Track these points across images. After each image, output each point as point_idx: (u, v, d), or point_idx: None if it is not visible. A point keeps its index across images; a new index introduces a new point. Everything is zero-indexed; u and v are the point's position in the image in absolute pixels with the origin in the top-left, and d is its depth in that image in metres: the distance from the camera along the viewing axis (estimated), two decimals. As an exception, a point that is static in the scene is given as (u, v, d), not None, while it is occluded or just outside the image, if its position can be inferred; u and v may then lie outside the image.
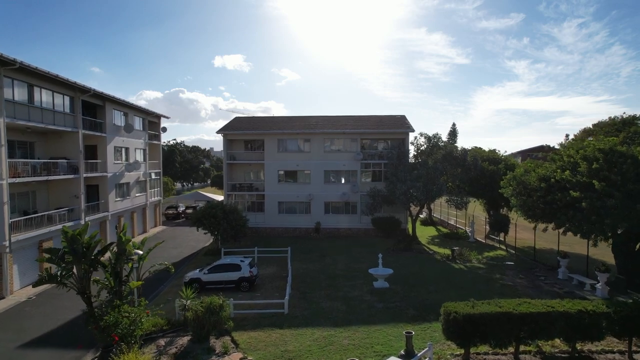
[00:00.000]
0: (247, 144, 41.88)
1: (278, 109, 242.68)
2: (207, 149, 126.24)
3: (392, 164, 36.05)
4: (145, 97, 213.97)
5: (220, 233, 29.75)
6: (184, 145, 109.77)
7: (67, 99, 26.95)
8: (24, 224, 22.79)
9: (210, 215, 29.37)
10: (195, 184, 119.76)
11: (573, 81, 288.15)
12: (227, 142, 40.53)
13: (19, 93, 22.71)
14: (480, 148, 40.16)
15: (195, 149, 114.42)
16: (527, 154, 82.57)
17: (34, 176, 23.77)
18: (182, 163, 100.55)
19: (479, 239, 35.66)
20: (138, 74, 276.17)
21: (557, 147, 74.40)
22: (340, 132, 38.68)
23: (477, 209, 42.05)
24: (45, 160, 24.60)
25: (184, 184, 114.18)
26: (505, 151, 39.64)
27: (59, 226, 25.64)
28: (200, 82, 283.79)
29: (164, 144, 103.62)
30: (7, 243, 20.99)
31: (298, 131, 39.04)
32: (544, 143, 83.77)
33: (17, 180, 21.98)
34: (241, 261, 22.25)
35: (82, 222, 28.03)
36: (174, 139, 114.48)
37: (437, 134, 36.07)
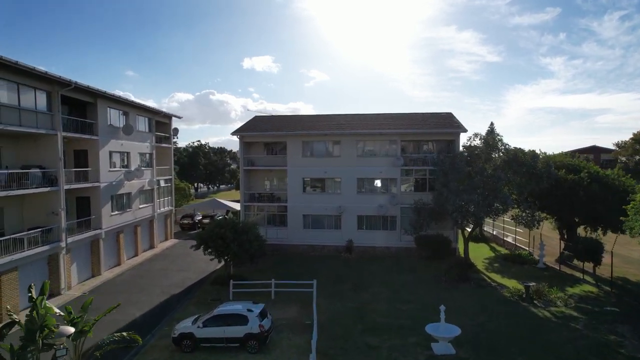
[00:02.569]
0: (268, 147, 36.28)
1: (307, 110, 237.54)
2: (232, 150, 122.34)
3: (443, 171, 29.54)
4: (177, 99, 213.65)
5: (231, 258, 24.14)
6: (208, 146, 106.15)
7: (41, 94, 21.94)
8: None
9: (218, 236, 23.79)
10: (221, 186, 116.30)
11: (614, 77, 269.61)
12: (245, 145, 35.04)
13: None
14: (521, 149, 32.73)
15: (221, 150, 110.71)
16: (575, 155, 73.60)
17: (-8, 191, 18.80)
18: (207, 165, 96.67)
19: (549, 264, 28.64)
20: (170, 76, 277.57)
21: (612, 148, 65.83)
22: (376, 132, 32.47)
23: (544, 227, 34.89)
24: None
25: (209, 186, 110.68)
26: (545, 152, 32.29)
27: (30, 252, 20.65)
28: (229, 84, 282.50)
29: (188, 145, 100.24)
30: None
31: (326, 132, 33.09)
32: (592, 143, 74.67)
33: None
34: (248, 310, 16.38)
35: (63, 244, 23.02)
36: (198, 140, 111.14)
37: (497, 134, 29.23)
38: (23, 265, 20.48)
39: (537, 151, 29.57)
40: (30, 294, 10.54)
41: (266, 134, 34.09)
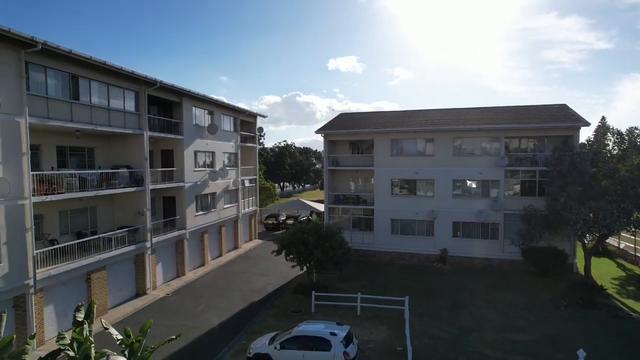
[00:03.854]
0: (353, 146, 34.09)
1: (391, 110, 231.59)
2: (317, 150, 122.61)
3: (559, 173, 24.95)
4: (265, 102, 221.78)
5: (313, 266, 22.33)
6: (294, 146, 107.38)
7: (129, 94, 22.01)
8: (60, 252, 17.95)
9: (300, 241, 22.12)
10: (306, 185, 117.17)
11: None
12: (329, 144, 33.21)
13: (57, 86, 17.93)
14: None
15: (306, 150, 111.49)
16: None
17: (82, 190, 18.94)
18: (292, 165, 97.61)
19: None
20: (259, 80, 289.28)
21: None
22: (475, 128, 28.64)
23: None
24: (82, 171, 19.65)
25: (295, 185, 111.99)
26: None
27: (117, 251, 20.70)
28: (315, 85, 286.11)
29: (275, 145, 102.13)
30: (30, 281, 16.11)
31: (417, 129, 29.98)
32: None
33: (51, 197, 17.12)
34: (332, 334, 14.26)
35: (148, 244, 22.99)
36: (285, 140, 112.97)
37: (636, 128, 23.90)
38: (111, 264, 20.57)
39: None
40: (75, 315, 9.38)
41: (352, 131, 31.92)
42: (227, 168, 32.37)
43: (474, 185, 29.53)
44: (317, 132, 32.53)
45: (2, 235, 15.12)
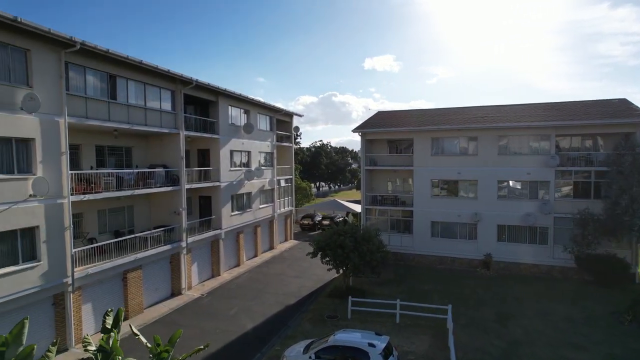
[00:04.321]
0: (392, 145, 32.96)
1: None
2: (353, 150, 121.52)
3: (620, 174, 22.91)
4: (302, 102, 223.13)
5: (350, 270, 21.48)
6: (330, 146, 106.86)
7: (165, 93, 21.97)
8: (97, 251, 18.04)
9: (337, 244, 21.33)
10: (342, 185, 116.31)
11: None
12: (367, 143, 32.23)
13: (96, 85, 18.01)
14: None
15: (342, 150, 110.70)
16: None
17: (119, 190, 18.99)
18: (329, 164, 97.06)
19: None
20: (296, 80, 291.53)
21: None
22: (523, 125, 26.85)
23: None
24: (119, 170, 19.71)
25: (331, 185, 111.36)
26: None
27: (153, 251, 20.67)
28: (351, 85, 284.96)
29: (311, 145, 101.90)
30: (69, 280, 16.20)
31: (460, 127, 28.50)
32: None
33: (88, 197, 17.19)
34: (370, 345, 13.38)
35: (184, 243, 22.89)
36: (321, 140, 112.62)
37: None
38: (147, 264, 20.58)
39: None
40: (104, 321, 8.98)
41: (390, 130, 30.80)
42: (263, 168, 32.07)
43: (520, 187, 27.74)
44: (355, 130, 31.65)
45: (42, 233, 15.25)
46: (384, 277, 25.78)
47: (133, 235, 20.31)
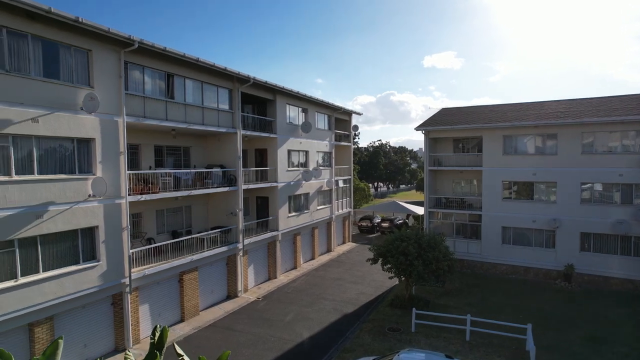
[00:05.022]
0: (457, 144, 30.69)
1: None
2: (413, 150, 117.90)
3: None
4: (359, 102, 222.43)
5: (414, 279, 19.83)
6: (389, 146, 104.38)
7: (222, 91, 21.61)
8: (153, 252, 17.93)
9: (399, 250, 19.79)
10: (401, 186, 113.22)
11: None
12: (430, 142, 30.23)
13: (154, 85, 17.91)
14: None
15: (401, 150, 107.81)
16: None
17: (176, 190, 18.82)
18: (387, 165, 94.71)
19: None
20: (353, 80, 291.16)
21: None
22: (614, 120, 23.64)
23: None
24: (177, 170, 19.48)
25: (389, 186, 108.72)
26: None
27: (210, 252, 20.36)
28: (410, 84, 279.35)
29: (369, 145, 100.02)
30: (126, 280, 16.12)
31: (536, 123, 25.73)
32: None
33: (145, 197, 17.07)
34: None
35: (240, 245, 22.44)
36: (379, 140, 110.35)
37: None
38: (203, 265, 20.31)
39: None
40: (152, 340, 8.21)
41: (457, 127, 28.59)
42: (321, 168, 31.13)
43: (609, 190, 24.49)
44: (418, 128, 29.78)
45: (101, 233, 15.26)
46: (449, 287, 23.93)
47: (190, 237, 20.15)
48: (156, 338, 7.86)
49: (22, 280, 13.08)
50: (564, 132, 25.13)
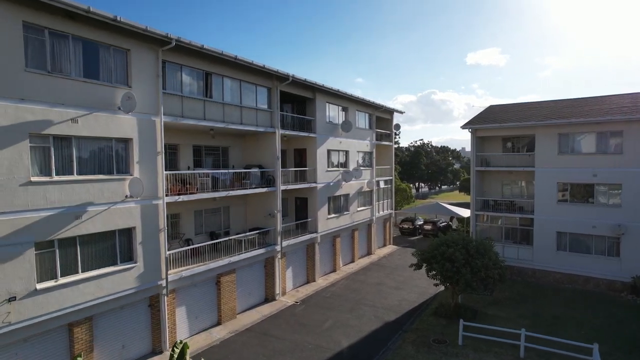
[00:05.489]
0: (507, 143, 28.86)
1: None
2: (456, 150, 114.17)
3: None
4: (400, 101, 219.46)
5: (461, 288, 18.54)
6: (431, 145, 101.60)
7: (260, 90, 21.17)
8: (190, 253, 17.70)
9: (445, 257, 18.56)
10: (443, 186, 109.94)
11: None
12: (477, 141, 28.58)
13: (191, 84, 17.67)
14: None
15: (443, 150, 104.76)
16: None
17: (214, 191, 18.53)
18: (429, 165, 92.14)
19: None
20: (393, 80, 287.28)
21: None
22: (689, 116, 21.24)
23: None
24: (214, 171, 19.07)
25: (431, 186, 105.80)
26: None
27: (248, 254, 19.96)
28: (452, 82, 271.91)
29: (410, 144, 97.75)
30: (163, 282, 15.93)
31: (598, 119, 23.59)
32: None
33: (183, 198, 16.83)
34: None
35: (278, 247, 21.93)
36: (421, 139, 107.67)
37: None
38: (241, 267, 19.94)
39: None
40: (172, 354, 7.66)
41: (507, 125, 26.77)
42: (362, 168, 30.17)
43: (684, 193, 22.05)
44: (464, 127, 28.22)
45: (138, 234, 15.13)
46: (499, 295, 22.42)
47: (227, 238, 19.85)
48: (176, 356, 7.31)
49: (62, 280, 13.09)
50: (631, 128, 22.87)
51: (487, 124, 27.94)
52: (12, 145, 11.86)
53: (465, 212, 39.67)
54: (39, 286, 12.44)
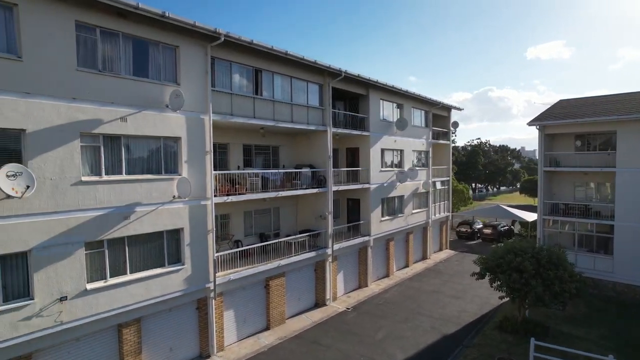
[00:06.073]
0: (580, 140, 26.11)
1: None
2: (516, 149, 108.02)
3: None
4: (454, 99, 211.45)
5: (532, 301, 16.64)
6: (489, 145, 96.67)
7: (312, 87, 20.34)
8: (239, 256, 17.20)
9: (512, 266, 16.75)
10: (501, 187, 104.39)
11: None
12: (546, 139, 26.07)
13: (241, 81, 17.15)
14: None
15: (502, 149, 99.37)
16: None
17: (263, 191, 17.92)
18: (487, 165, 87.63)
19: None
20: (448, 77, 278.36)
21: None
22: None
23: None
24: (264, 170, 18.41)
25: (488, 187, 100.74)
26: None
27: (297, 257, 19.23)
28: (510, 78, 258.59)
29: (467, 144, 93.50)
30: (211, 285, 15.50)
31: (695, 113, 20.55)
32: None
33: (232, 198, 16.33)
34: None
35: (329, 250, 21.01)
36: (478, 138, 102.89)
37: None
38: (290, 271, 19.24)
39: None
40: None
41: (583, 120, 24.10)
42: (417, 168, 28.55)
43: None
44: (531, 123, 25.82)
45: (186, 236, 14.79)
46: (572, 311, 20.10)
47: (276, 240, 19.23)
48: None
49: (111, 281, 12.94)
50: None
51: (558, 119, 25.39)
52: (64, 145, 11.80)
53: (530, 216, 36.78)
54: (89, 286, 12.34)
